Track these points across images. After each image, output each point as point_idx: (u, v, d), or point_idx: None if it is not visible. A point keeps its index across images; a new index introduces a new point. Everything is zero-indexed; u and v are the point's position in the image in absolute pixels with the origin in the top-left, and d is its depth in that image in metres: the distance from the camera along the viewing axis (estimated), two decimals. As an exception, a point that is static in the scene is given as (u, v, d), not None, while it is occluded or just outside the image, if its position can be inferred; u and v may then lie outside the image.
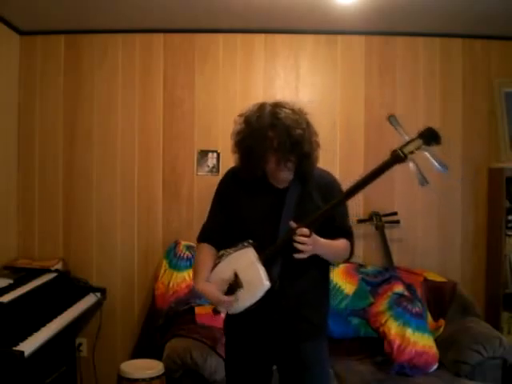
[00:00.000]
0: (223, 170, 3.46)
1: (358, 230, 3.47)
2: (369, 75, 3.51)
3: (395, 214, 3.41)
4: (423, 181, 1.72)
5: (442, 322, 3.10)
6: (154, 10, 3.11)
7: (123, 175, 3.50)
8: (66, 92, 3.48)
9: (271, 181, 1.97)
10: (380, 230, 3.36)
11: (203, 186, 3.46)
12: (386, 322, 2.95)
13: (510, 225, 3.35)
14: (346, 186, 1.96)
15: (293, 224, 1.79)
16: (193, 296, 3.05)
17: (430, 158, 1.70)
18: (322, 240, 1.85)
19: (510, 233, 3.34)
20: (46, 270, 3.18)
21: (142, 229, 3.50)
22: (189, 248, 3.28)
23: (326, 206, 1.87)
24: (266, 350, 1.99)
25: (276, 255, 1.85)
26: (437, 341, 2.93)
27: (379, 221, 3.38)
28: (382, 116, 3.48)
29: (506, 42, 3.49)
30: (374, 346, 2.98)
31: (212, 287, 1.89)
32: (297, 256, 1.77)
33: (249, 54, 3.50)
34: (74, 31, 3.44)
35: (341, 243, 1.98)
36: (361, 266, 3.34)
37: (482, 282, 3.50)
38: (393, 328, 2.89)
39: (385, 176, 1.92)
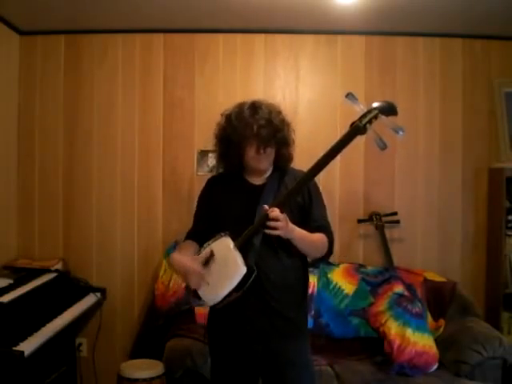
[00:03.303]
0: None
1: (358, 230, 3.48)
2: (369, 75, 3.51)
3: (395, 214, 3.41)
4: (382, 145, 1.76)
5: (442, 322, 3.10)
6: (154, 10, 3.11)
7: (123, 175, 3.49)
8: (65, 92, 3.48)
9: (248, 177, 2.04)
10: (380, 229, 3.36)
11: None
12: (385, 322, 2.95)
13: (510, 225, 3.35)
14: (347, 186, 1.96)
15: (265, 206, 1.83)
16: (193, 296, 3.06)
17: (387, 124, 1.75)
18: (295, 226, 1.88)
19: (510, 233, 3.34)
20: (46, 270, 3.18)
21: (142, 229, 3.49)
22: (189, 248, 3.28)
23: (294, 185, 1.90)
24: (243, 348, 1.98)
25: (250, 240, 1.88)
26: (437, 341, 2.93)
27: (379, 221, 3.38)
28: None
29: (506, 42, 3.49)
30: (374, 346, 2.98)
31: (189, 258, 1.92)
32: (268, 232, 1.80)
33: (249, 54, 3.49)
34: (74, 31, 3.44)
35: (316, 235, 1.98)
36: (361, 266, 3.34)
37: (482, 282, 3.50)
38: (393, 328, 2.89)
39: (385, 176, 1.92)
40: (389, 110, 1.78)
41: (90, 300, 3.20)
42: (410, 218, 3.47)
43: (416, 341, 2.82)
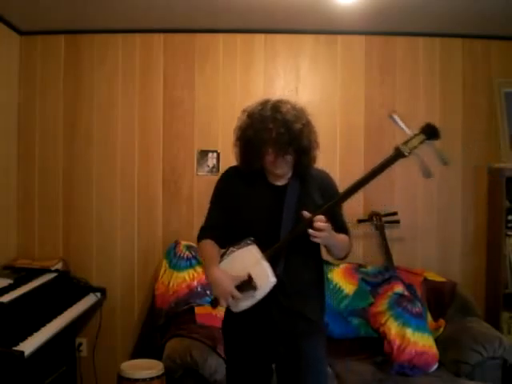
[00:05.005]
0: (223, 170, 3.49)
1: (358, 230, 3.48)
2: (369, 75, 3.51)
3: (395, 214, 3.41)
4: (428, 173, 1.76)
5: (442, 322, 3.10)
6: (154, 10, 3.11)
7: (123, 175, 3.49)
8: (65, 92, 3.48)
9: (269, 178, 2.01)
10: (380, 230, 3.36)
11: (203, 186, 3.46)
12: (386, 322, 2.95)
13: (510, 225, 3.35)
14: (345, 186, 1.96)
15: (306, 214, 1.83)
16: (193, 296, 3.05)
17: (434, 152, 1.76)
18: (334, 233, 1.90)
19: (510, 233, 3.34)
20: (46, 270, 3.18)
21: (142, 229, 3.49)
22: (189, 248, 3.28)
23: (334, 200, 1.91)
24: (264, 348, 1.99)
25: (282, 251, 1.88)
26: (437, 341, 2.93)
27: (379, 221, 3.38)
28: (382, 116, 3.51)
29: (506, 41, 3.49)
30: (374, 346, 2.98)
31: (228, 278, 1.87)
32: (314, 240, 1.81)
33: (249, 54, 3.49)
34: (74, 31, 3.44)
35: (343, 237, 2.02)
36: (361, 266, 3.33)
37: (482, 282, 3.50)
38: (393, 328, 2.89)
39: (385, 176, 1.93)
40: (433, 134, 1.78)
41: (89, 300, 3.20)
42: (410, 218, 3.47)
43: (416, 341, 2.82)
